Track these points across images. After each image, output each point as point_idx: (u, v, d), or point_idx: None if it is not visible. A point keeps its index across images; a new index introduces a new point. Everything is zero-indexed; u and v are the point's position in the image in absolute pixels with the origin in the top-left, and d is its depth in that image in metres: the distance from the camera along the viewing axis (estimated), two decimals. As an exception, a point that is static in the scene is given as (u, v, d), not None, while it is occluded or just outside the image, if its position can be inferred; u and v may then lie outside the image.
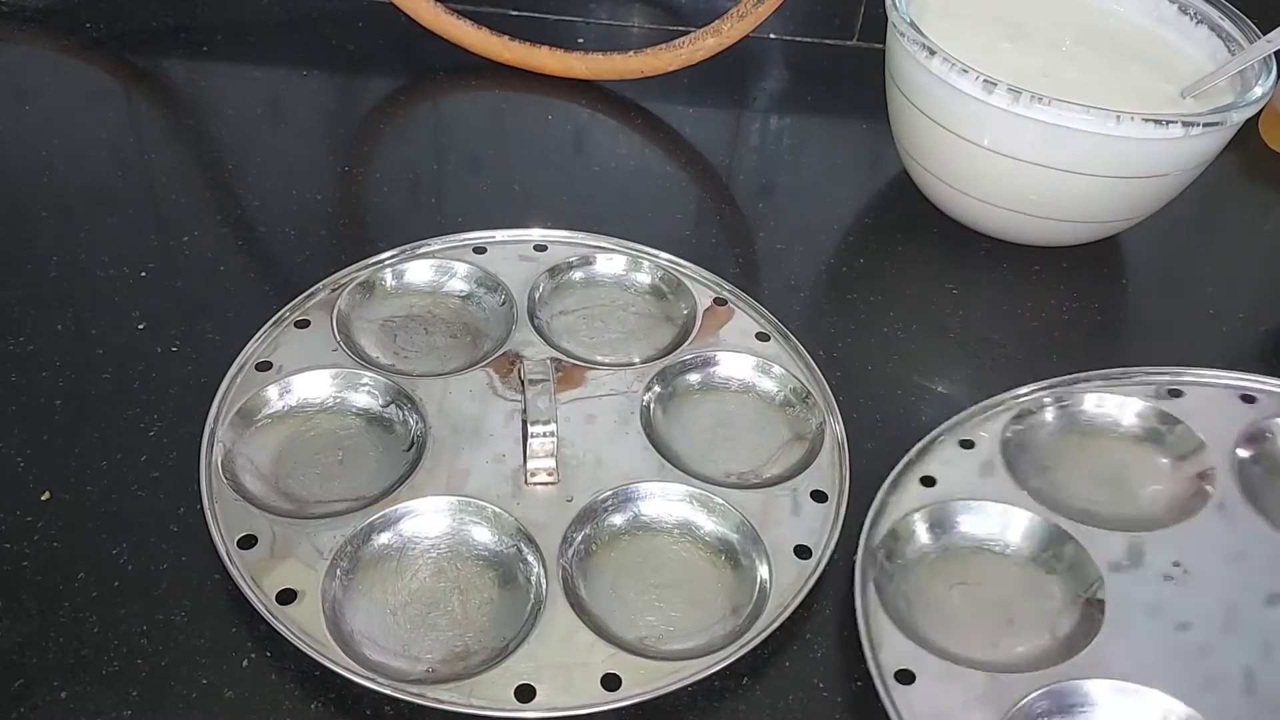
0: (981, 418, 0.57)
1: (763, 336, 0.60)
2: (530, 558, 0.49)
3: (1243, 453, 0.57)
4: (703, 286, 0.63)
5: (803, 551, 0.50)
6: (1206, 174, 0.66)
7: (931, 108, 0.65)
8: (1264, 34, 0.66)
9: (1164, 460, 0.57)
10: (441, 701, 0.43)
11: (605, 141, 0.79)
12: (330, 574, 0.47)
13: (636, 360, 0.59)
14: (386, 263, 0.63)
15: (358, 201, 0.69)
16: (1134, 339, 0.65)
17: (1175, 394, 0.59)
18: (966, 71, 0.62)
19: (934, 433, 0.56)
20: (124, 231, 0.63)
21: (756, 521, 0.50)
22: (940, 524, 0.52)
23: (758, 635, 0.46)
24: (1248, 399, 0.60)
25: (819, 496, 0.52)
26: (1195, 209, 0.75)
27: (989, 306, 0.65)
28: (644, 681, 0.44)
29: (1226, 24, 0.69)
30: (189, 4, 0.87)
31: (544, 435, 0.51)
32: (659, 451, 0.53)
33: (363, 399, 0.56)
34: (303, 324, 0.59)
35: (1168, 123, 0.60)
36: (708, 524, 0.51)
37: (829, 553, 0.50)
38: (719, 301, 0.62)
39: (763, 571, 0.49)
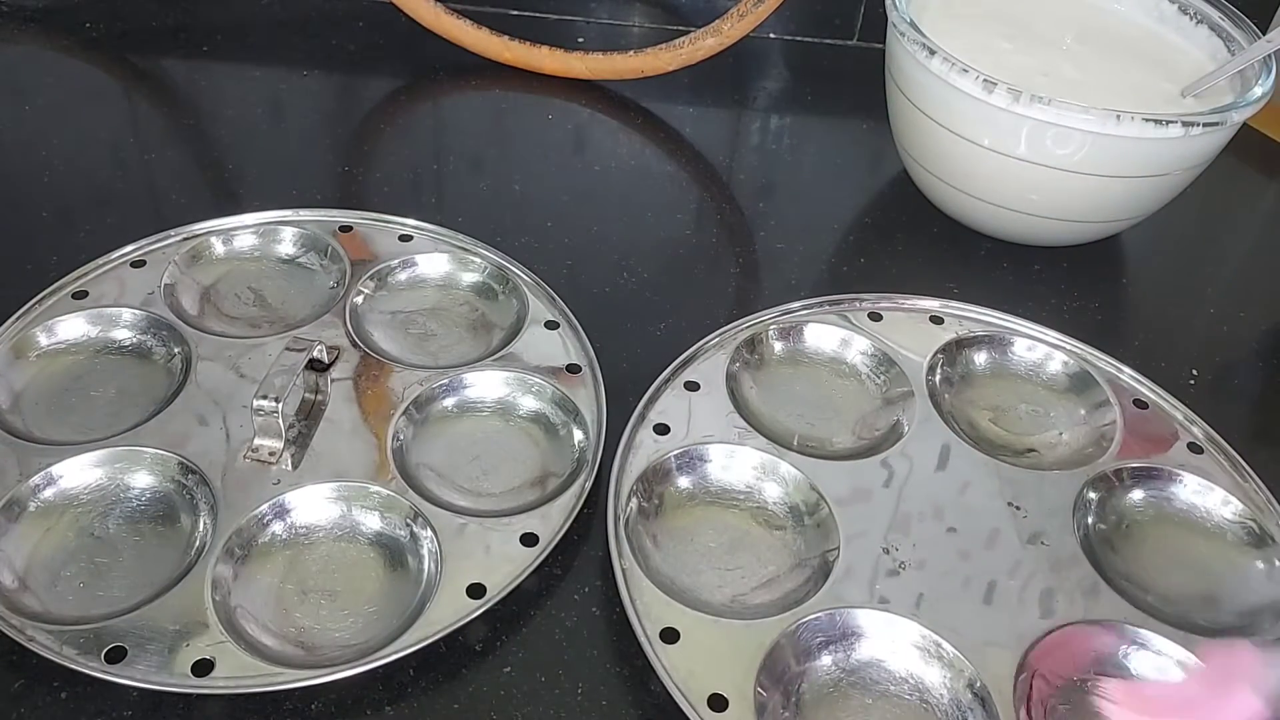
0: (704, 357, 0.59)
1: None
2: (205, 522, 0.49)
3: (932, 372, 0.59)
4: (539, 302, 0.61)
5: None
6: (1206, 173, 0.66)
7: (931, 108, 0.65)
8: (1264, 34, 0.66)
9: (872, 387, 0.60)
10: (34, 641, 0.44)
11: (605, 141, 0.79)
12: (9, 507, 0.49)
13: (434, 365, 0.57)
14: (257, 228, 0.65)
15: (358, 201, 0.69)
16: (1135, 338, 0.65)
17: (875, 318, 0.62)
18: (966, 71, 0.62)
19: (661, 376, 0.56)
20: (124, 231, 0.63)
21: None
22: (680, 471, 0.53)
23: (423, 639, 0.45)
24: (936, 320, 0.62)
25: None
26: (1195, 208, 0.75)
27: (989, 306, 0.65)
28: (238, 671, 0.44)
29: (1226, 24, 0.69)
30: (189, 4, 0.87)
31: (266, 412, 0.50)
32: (395, 462, 0.52)
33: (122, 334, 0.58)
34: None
35: (1168, 122, 0.60)
36: (374, 526, 0.50)
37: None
38: (550, 324, 0.60)
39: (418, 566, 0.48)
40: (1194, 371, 0.63)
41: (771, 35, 0.89)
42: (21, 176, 0.70)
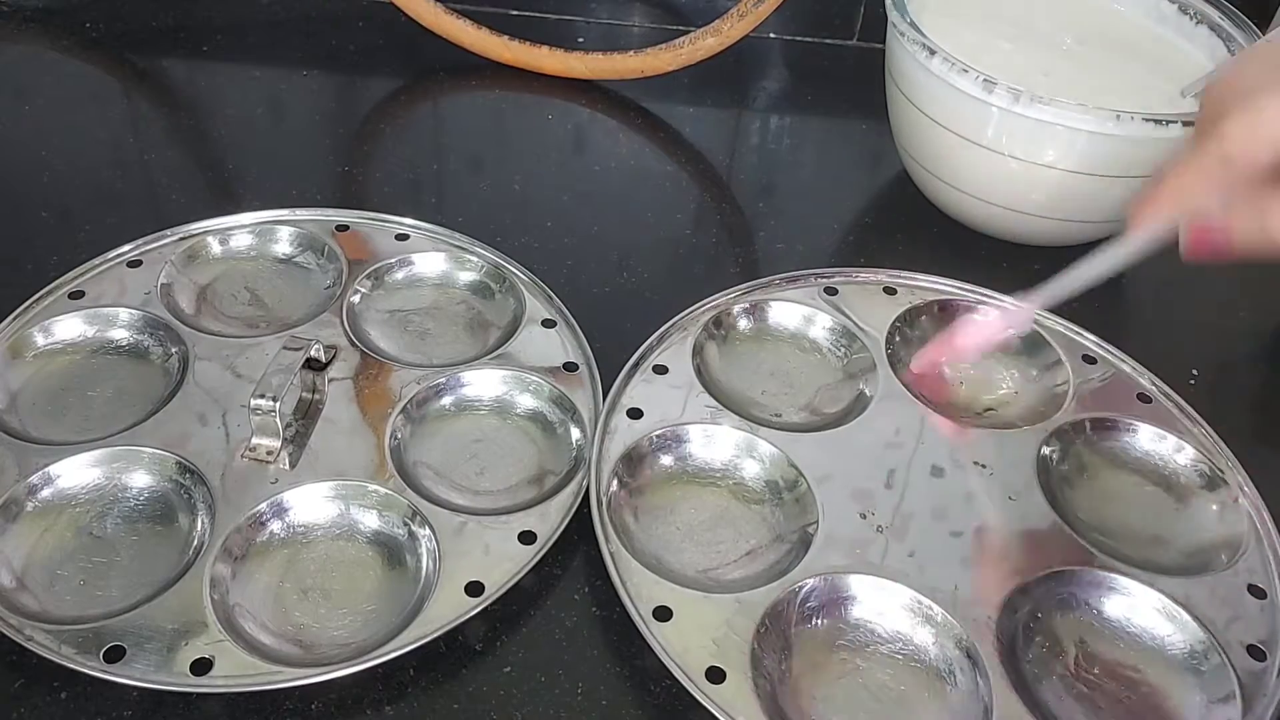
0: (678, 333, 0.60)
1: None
2: (203, 521, 0.49)
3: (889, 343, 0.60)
4: (534, 299, 0.61)
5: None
6: (1207, 174, 0.66)
7: (931, 108, 0.65)
8: (1264, 34, 0.66)
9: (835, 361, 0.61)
10: (33, 641, 0.44)
11: (605, 141, 0.79)
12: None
13: (431, 364, 0.58)
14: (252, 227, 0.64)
15: (358, 201, 0.69)
16: (1135, 338, 0.65)
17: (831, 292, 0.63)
18: (966, 71, 0.61)
19: (633, 358, 0.57)
20: (124, 231, 0.63)
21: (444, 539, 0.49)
22: (658, 452, 0.54)
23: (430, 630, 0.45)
24: (889, 291, 0.64)
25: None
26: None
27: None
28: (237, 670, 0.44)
29: (1226, 24, 0.69)
30: (189, 4, 0.87)
31: (263, 411, 0.50)
32: (393, 461, 0.52)
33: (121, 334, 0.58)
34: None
35: (1168, 122, 0.60)
36: (372, 525, 0.50)
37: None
38: (547, 322, 0.60)
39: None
40: (1194, 371, 0.63)
41: (771, 35, 0.89)
42: (21, 176, 0.70)
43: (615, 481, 0.52)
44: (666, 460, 0.54)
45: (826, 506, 0.51)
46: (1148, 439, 0.57)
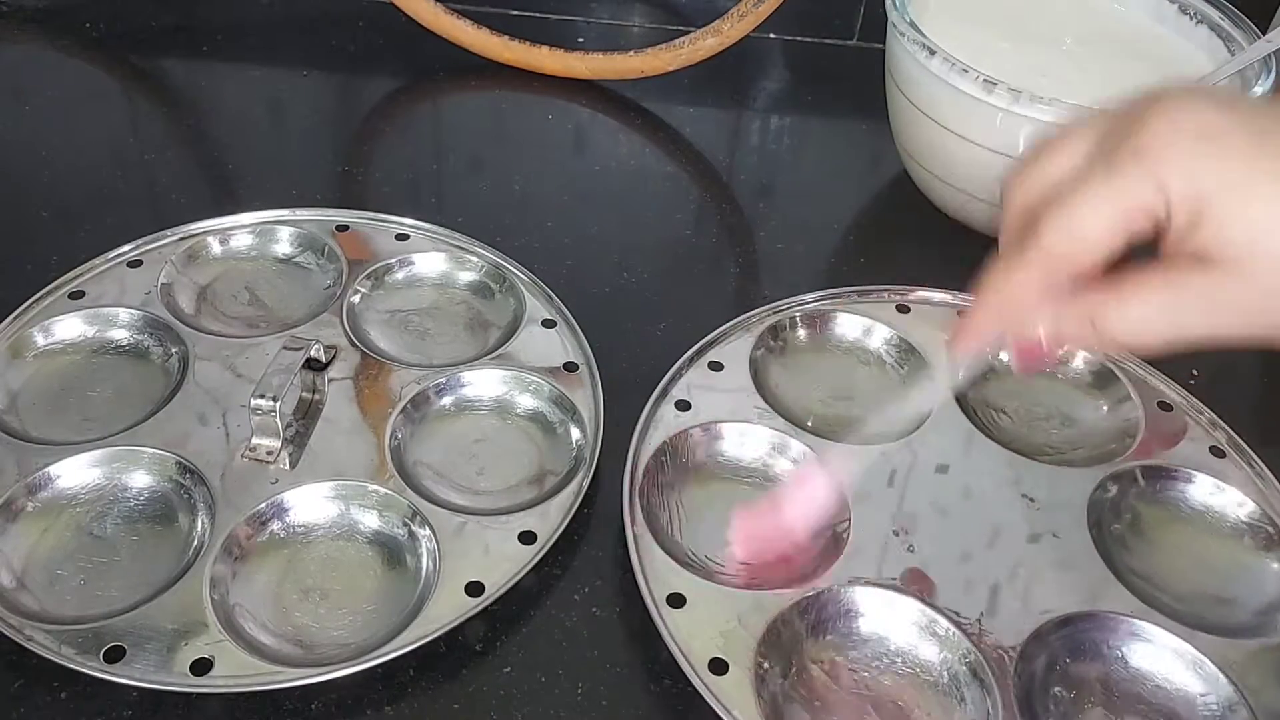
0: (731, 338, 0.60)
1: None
2: (203, 521, 0.49)
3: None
4: (536, 301, 0.61)
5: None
6: (1207, 174, 0.66)
7: (931, 108, 0.65)
8: (1264, 34, 0.66)
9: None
10: (33, 641, 0.44)
11: (605, 141, 0.79)
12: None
13: (432, 363, 0.58)
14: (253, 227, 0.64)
15: (358, 201, 0.69)
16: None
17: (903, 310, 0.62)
18: (966, 71, 0.61)
19: (685, 355, 0.57)
20: (124, 231, 0.63)
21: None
22: (695, 446, 0.54)
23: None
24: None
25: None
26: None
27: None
28: (237, 670, 0.44)
29: (1226, 24, 0.69)
30: (189, 4, 0.87)
31: (263, 412, 0.50)
32: (393, 461, 0.52)
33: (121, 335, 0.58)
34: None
35: (1168, 122, 0.60)
36: (372, 525, 0.50)
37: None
38: (547, 322, 0.60)
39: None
40: (1194, 371, 0.63)
41: (771, 35, 0.89)
42: (21, 176, 0.70)
43: (650, 471, 0.52)
44: (703, 456, 0.54)
45: (860, 515, 0.51)
46: (1208, 491, 0.54)
